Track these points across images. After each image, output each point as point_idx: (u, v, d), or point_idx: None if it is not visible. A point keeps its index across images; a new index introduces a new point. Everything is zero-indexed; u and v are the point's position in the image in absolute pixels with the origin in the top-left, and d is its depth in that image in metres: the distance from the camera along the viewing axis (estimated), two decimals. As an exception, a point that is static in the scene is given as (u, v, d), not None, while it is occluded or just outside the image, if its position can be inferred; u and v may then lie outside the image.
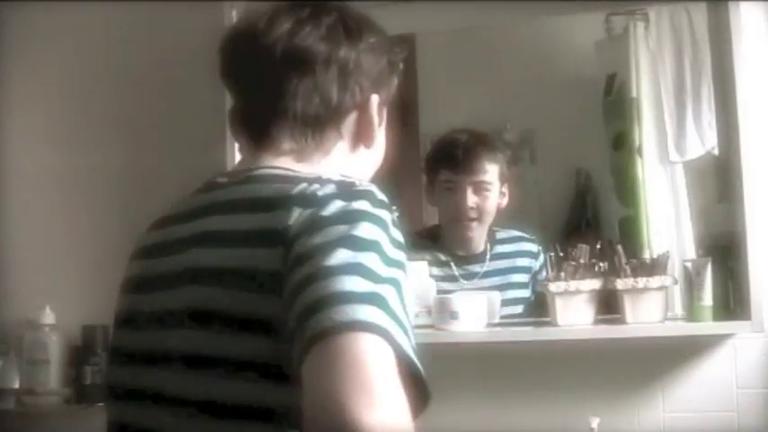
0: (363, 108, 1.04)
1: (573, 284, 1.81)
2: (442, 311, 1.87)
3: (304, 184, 0.90)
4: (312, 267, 0.80)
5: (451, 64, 2.19)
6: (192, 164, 2.10)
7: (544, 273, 1.93)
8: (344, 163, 1.03)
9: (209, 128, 2.01)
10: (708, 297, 1.77)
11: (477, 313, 1.89)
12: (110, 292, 2.30)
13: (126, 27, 2.22)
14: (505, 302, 1.99)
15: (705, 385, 1.86)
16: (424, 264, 2.00)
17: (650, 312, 1.79)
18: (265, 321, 0.84)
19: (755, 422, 1.83)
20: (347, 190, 0.89)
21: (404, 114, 1.63)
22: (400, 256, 0.86)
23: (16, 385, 2.11)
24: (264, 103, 1.01)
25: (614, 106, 2.07)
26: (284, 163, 0.99)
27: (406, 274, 0.85)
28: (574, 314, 1.82)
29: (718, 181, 1.98)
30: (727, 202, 1.88)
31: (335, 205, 0.86)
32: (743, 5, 1.81)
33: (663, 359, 1.88)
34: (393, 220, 0.88)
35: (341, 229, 0.83)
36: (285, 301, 0.81)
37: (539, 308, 1.92)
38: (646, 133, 2.03)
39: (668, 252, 1.82)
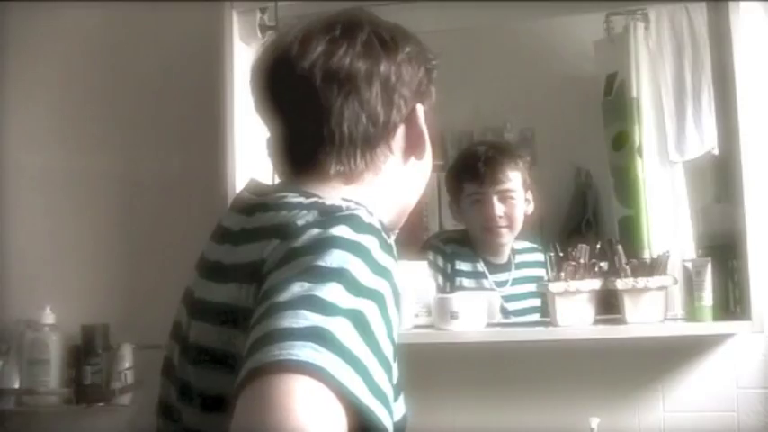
0: (410, 120, 1.01)
1: (573, 284, 1.81)
2: (442, 311, 1.87)
3: (294, 212, 0.87)
4: (266, 305, 0.76)
5: (451, 64, 2.18)
6: (191, 165, 2.11)
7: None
8: (397, 178, 1.01)
9: (207, 129, 2.02)
10: (708, 297, 1.77)
11: (476, 313, 1.89)
12: (109, 292, 2.31)
13: (125, 27, 2.21)
14: (527, 311, 2.02)
15: (705, 385, 1.86)
16: (424, 264, 2.01)
17: (650, 312, 1.78)
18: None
19: (755, 422, 1.83)
20: (328, 216, 0.85)
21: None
22: (378, 284, 0.80)
23: (16, 385, 2.10)
24: (309, 129, 0.97)
25: (614, 106, 2.07)
26: (332, 187, 0.96)
27: (384, 303, 0.79)
28: (574, 314, 1.82)
29: (718, 181, 1.97)
30: (727, 202, 1.88)
31: (309, 235, 0.82)
32: (743, 5, 1.81)
33: (663, 359, 1.88)
34: (382, 245, 0.84)
35: (305, 260, 0.79)
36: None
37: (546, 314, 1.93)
38: (646, 133, 2.03)
39: (668, 252, 1.82)
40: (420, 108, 1.02)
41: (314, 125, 0.96)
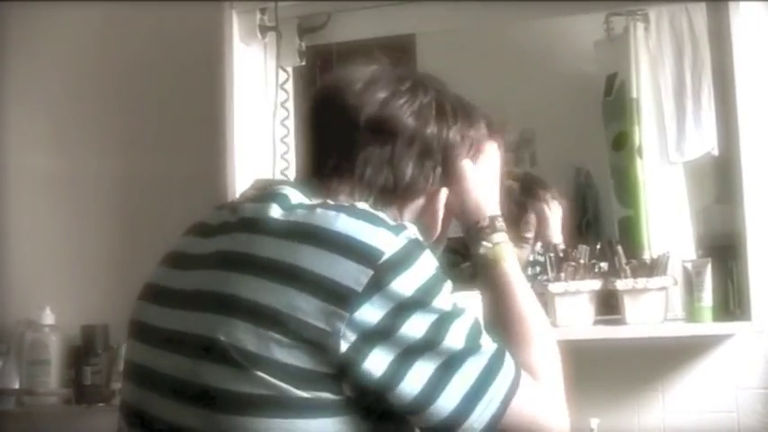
0: (432, 197, 1.01)
1: (573, 285, 1.81)
2: (442, 312, 1.87)
3: (356, 223, 0.87)
4: (435, 357, 0.89)
5: (451, 64, 2.19)
6: (191, 167, 2.11)
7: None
8: None
9: (207, 130, 2.01)
10: (708, 297, 1.77)
11: (476, 313, 1.88)
12: (109, 292, 2.31)
13: (125, 28, 2.21)
14: None
15: (705, 385, 1.86)
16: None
17: (650, 313, 1.78)
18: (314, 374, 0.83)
19: (755, 422, 1.83)
20: (410, 245, 0.87)
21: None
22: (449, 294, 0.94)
23: (16, 385, 2.11)
24: (335, 160, 0.97)
25: (614, 107, 2.07)
26: None
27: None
28: (574, 314, 1.82)
29: (717, 181, 1.97)
30: (726, 202, 1.87)
31: (409, 278, 0.85)
32: (743, 5, 1.80)
33: (663, 359, 1.87)
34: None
35: (431, 312, 0.89)
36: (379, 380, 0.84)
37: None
38: (646, 133, 2.02)
39: (668, 252, 1.82)
40: (445, 191, 1.01)
41: (341, 159, 0.96)
